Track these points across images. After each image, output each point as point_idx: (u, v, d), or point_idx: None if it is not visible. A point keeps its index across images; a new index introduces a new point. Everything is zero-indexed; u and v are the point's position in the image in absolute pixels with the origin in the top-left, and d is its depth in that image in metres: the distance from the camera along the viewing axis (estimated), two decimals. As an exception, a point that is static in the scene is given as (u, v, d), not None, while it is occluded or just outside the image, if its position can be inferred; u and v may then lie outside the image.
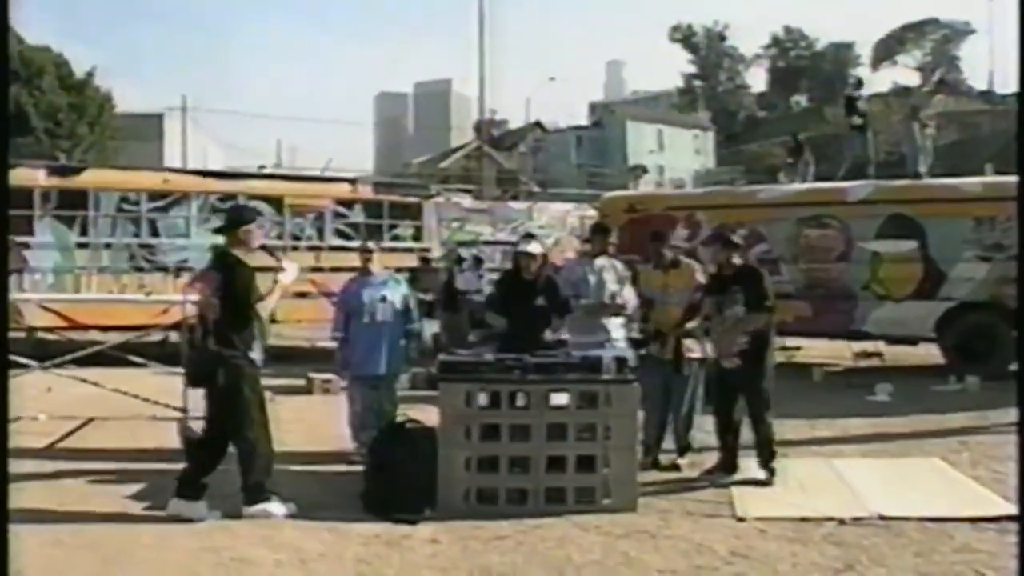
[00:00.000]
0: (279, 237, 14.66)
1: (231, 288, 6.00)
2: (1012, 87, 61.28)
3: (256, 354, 6.16)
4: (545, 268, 7.66)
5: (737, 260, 7.22)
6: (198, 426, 8.04)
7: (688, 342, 7.52)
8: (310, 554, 5.34)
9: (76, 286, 13.24)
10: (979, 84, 71.32)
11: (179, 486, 6.02)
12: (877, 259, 12.78)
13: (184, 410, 8.07)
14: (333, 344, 8.01)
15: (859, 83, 16.68)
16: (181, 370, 8.25)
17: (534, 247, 7.40)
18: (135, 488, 6.73)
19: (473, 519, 5.86)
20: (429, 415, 6.56)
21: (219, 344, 5.98)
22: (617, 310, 7.54)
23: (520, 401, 6.30)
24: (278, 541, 5.55)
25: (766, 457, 6.94)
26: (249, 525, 5.83)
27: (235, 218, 6.40)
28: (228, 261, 6.11)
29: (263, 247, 6.35)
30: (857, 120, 14.34)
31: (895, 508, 5.99)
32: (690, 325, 7.50)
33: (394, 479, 6.15)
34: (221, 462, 6.11)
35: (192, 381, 6.44)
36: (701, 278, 7.54)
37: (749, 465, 6.98)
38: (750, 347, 6.95)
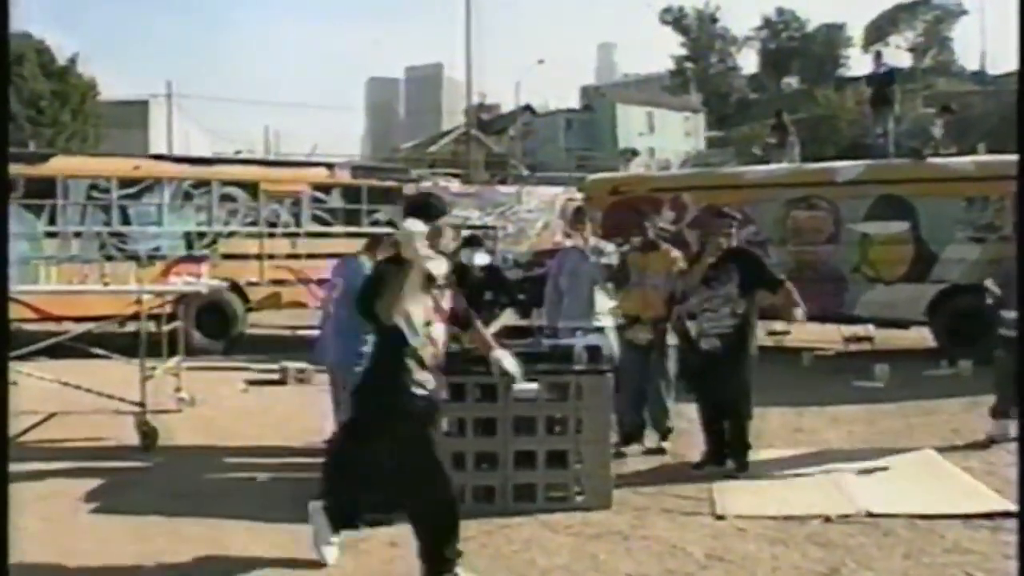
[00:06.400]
0: (254, 223, 14.27)
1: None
2: (1003, 68, 61.18)
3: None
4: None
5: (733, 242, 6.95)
6: (156, 420, 7.79)
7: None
8: (260, 560, 5.01)
9: (45, 277, 12.81)
10: (971, 65, 71.25)
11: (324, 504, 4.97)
12: (867, 241, 12.48)
13: (142, 404, 7.74)
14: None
15: (878, 55, 16.71)
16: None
17: (480, 259, 7.14)
18: (88, 488, 6.39)
19: (436, 520, 5.53)
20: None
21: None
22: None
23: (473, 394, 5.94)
24: (226, 545, 5.22)
25: (738, 450, 6.67)
26: (198, 527, 5.51)
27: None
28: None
29: None
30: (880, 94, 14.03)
31: (884, 504, 5.67)
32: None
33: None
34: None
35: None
36: (682, 264, 7.28)
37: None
38: (733, 331, 6.65)
